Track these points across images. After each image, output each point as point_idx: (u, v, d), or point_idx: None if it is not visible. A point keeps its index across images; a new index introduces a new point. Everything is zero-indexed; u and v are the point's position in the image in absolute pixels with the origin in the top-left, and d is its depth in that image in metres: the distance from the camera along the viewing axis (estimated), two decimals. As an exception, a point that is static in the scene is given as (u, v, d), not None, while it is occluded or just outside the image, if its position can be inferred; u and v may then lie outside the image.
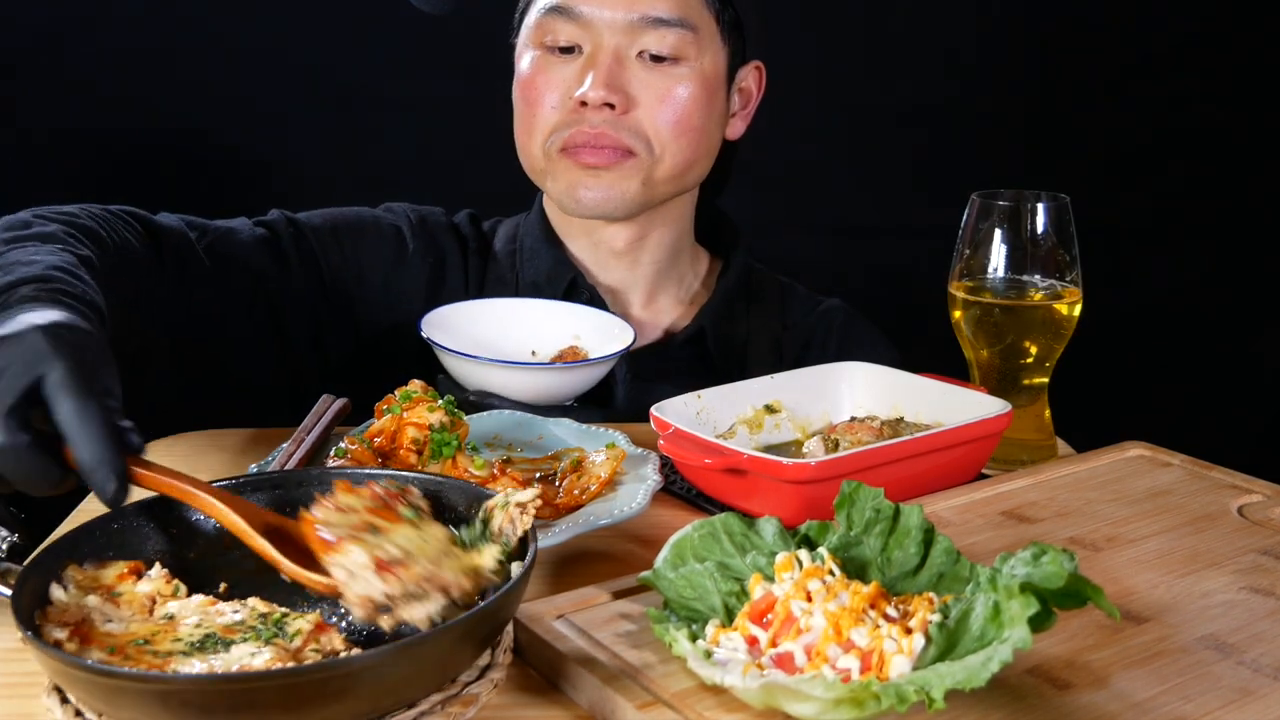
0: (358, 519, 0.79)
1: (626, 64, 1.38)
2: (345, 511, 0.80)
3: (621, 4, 1.37)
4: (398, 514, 0.81)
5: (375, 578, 0.75)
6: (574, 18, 1.38)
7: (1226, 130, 2.38)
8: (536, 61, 1.42)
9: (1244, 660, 0.77)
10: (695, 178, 1.49)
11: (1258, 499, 1.03)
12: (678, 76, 1.40)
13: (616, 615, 0.83)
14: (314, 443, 1.15)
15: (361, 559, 0.76)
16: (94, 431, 0.80)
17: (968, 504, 1.03)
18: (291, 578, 0.79)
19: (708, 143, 1.46)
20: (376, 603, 0.75)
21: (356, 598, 0.75)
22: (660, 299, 1.56)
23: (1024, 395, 1.21)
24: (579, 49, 1.40)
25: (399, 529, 0.79)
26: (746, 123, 1.54)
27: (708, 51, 1.42)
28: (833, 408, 1.21)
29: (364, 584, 0.75)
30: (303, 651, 0.72)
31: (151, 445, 1.26)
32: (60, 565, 0.78)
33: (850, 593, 0.74)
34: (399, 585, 0.75)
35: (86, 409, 0.80)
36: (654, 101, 1.39)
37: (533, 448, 1.16)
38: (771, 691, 0.68)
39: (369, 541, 0.77)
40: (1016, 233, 1.19)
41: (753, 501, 1.01)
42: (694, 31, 1.39)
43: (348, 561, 0.76)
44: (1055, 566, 0.70)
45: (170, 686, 0.65)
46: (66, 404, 0.80)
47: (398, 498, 0.82)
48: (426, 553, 0.78)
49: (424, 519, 0.81)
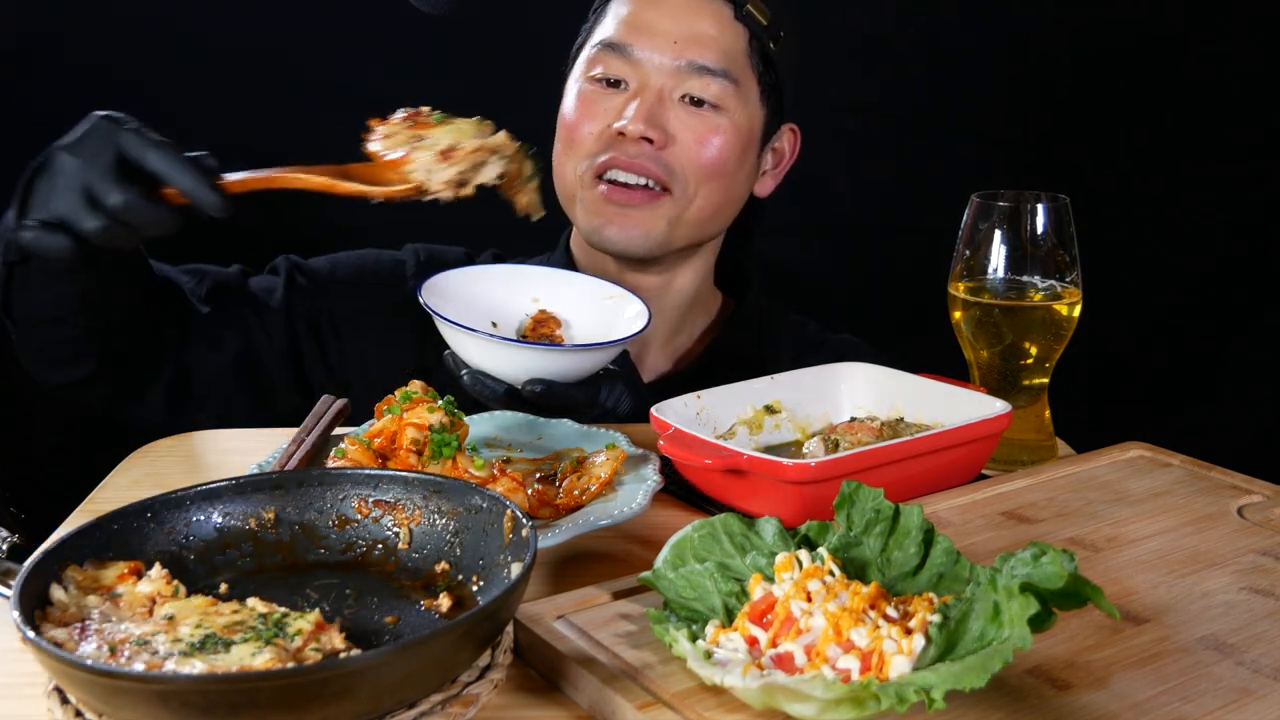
0: (405, 137, 1.08)
1: (668, 104, 1.44)
2: (391, 138, 1.08)
3: (672, 49, 1.43)
4: (430, 122, 1.10)
5: (444, 166, 1.05)
6: (626, 56, 1.44)
7: (1227, 129, 2.38)
8: (583, 92, 1.48)
9: (1244, 660, 0.77)
10: (718, 226, 1.52)
11: (1258, 499, 1.03)
12: (715, 123, 1.44)
13: (616, 615, 0.83)
14: (314, 443, 1.15)
15: (428, 157, 1.05)
16: (182, 165, 1.04)
17: (968, 504, 1.03)
18: (383, 198, 1.06)
19: (735, 192, 1.50)
20: (455, 181, 1.05)
21: (440, 184, 1.05)
22: (677, 339, 1.60)
23: (1024, 396, 1.21)
24: (625, 84, 1.45)
25: (436, 131, 1.08)
26: (777, 182, 1.59)
27: (746, 107, 1.47)
28: (833, 408, 1.21)
29: (440, 172, 1.05)
30: (303, 651, 0.72)
31: (153, 444, 1.27)
32: (60, 565, 0.78)
33: (850, 593, 0.74)
34: (463, 162, 1.05)
35: (168, 153, 1.04)
36: (691, 141, 1.44)
37: (533, 448, 1.16)
38: (771, 692, 0.68)
39: (425, 145, 1.06)
40: (1016, 233, 1.19)
41: (753, 502, 1.01)
42: (736, 85, 1.45)
43: (420, 164, 1.05)
44: (1055, 567, 0.70)
45: (170, 686, 0.65)
46: (151, 154, 1.04)
47: (419, 113, 1.12)
48: (467, 134, 1.08)
49: (449, 117, 1.10)
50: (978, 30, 2.32)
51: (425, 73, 2.24)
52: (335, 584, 0.86)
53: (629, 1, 1.48)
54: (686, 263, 1.54)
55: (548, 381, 1.18)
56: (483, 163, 1.07)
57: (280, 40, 2.24)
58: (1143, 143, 2.37)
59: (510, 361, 1.18)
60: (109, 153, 1.05)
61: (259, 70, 2.23)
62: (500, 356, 1.18)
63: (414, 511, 0.89)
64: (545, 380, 1.18)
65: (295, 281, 1.52)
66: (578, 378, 1.23)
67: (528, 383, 1.18)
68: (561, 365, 1.20)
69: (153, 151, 1.04)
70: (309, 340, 1.52)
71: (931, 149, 2.34)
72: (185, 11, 2.22)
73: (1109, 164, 2.37)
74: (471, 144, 1.07)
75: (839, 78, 2.30)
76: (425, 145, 1.06)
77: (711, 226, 1.51)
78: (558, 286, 1.36)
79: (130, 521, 0.84)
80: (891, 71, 2.34)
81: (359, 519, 0.90)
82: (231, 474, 0.90)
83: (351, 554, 0.89)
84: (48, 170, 1.07)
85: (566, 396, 1.19)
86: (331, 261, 1.58)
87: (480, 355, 1.19)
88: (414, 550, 0.88)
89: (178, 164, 1.04)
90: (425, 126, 1.09)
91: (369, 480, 0.91)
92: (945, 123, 2.34)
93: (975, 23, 2.32)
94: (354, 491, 0.90)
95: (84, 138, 1.06)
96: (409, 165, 1.06)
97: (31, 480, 2.27)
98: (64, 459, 2.25)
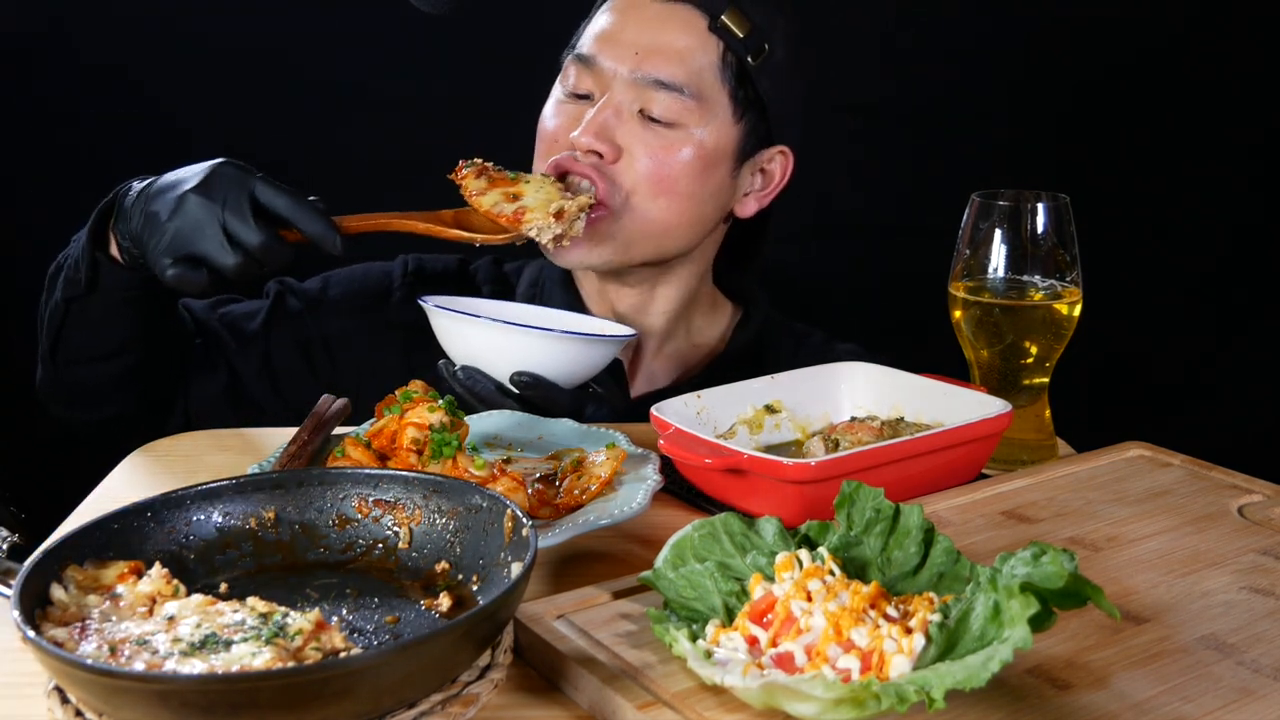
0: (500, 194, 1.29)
1: (624, 118, 1.40)
2: (484, 194, 1.29)
3: (630, 59, 1.40)
4: (505, 177, 1.32)
5: (554, 223, 1.28)
6: (592, 68, 1.43)
7: (1227, 129, 2.38)
8: (555, 104, 1.47)
9: (1244, 660, 0.77)
10: (682, 243, 1.47)
11: (1258, 499, 1.03)
12: (670, 139, 1.40)
13: (616, 615, 0.83)
14: (314, 443, 1.15)
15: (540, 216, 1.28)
16: (306, 210, 1.18)
17: (968, 504, 1.03)
18: (484, 242, 1.28)
19: (699, 211, 1.45)
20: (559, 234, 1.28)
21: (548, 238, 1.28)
22: (672, 345, 1.58)
23: (1024, 395, 1.21)
24: (593, 97, 1.43)
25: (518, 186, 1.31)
26: (762, 204, 1.52)
27: (712, 124, 1.41)
28: (833, 408, 1.22)
29: (551, 229, 1.28)
30: (303, 651, 0.72)
31: (155, 443, 1.27)
32: (60, 565, 0.78)
33: (850, 593, 0.74)
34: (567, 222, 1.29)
35: (293, 199, 1.19)
36: (641, 156, 1.40)
37: (533, 448, 1.16)
38: (771, 691, 0.68)
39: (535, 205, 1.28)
40: (1016, 233, 1.19)
41: (753, 501, 1.01)
42: (698, 100, 1.40)
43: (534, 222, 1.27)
44: (1055, 566, 0.70)
45: (170, 686, 0.65)
46: (280, 199, 1.19)
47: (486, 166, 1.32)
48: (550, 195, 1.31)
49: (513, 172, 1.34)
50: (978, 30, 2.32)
51: (425, 73, 2.24)
52: (335, 584, 0.86)
53: (607, 11, 1.46)
54: (667, 278, 1.51)
55: (536, 375, 1.20)
56: (577, 219, 1.30)
57: (280, 40, 2.23)
58: (1143, 143, 2.37)
59: (505, 348, 1.21)
60: (244, 197, 1.18)
61: (259, 70, 2.23)
62: (496, 342, 1.21)
63: (414, 511, 0.89)
64: (533, 374, 1.20)
65: (283, 304, 1.54)
66: (567, 378, 1.25)
67: (517, 372, 1.20)
68: (553, 354, 1.22)
69: (283, 198, 1.19)
70: (299, 360, 1.53)
71: (931, 149, 2.34)
72: (185, 11, 2.22)
73: (1109, 164, 2.37)
74: (573, 205, 1.29)
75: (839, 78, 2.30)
76: (536, 205, 1.28)
77: (672, 242, 1.45)
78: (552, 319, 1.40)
79: (130, 521, 0.84)
80: (892, 72, 2.33)
81: (359, 519, 0.90)
82: (231, 474, 0.90)
83: (351, 554, 0.89)
84: (180, 212, 1.18)
85: (552, 395, 1.21)
86: (324, 279, 1.59)
87: (473, 345, 1.23)
88: (414, 550, 0.88)
89: (304, 209, 1.18)
90: (502, 181, 1.31)
91: (369, 480, 0.91)
92: (945, 123, 2.33)
93: (976, 23, 2.32)
94: (354, 491, 0.90)
95: (215, 181, 1.19)
96: (526, 224, 1.27)
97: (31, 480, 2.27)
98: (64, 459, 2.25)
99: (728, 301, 1.64)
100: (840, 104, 2.30)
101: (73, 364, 1.39)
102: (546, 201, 1.30)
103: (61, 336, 1.36)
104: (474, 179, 1.31)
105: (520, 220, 1.27)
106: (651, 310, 1.54)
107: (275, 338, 1.52)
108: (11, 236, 2.16)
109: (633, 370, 1.57)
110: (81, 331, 1.35)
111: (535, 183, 1.33)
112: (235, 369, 1.50)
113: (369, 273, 1.60)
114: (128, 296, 1.32)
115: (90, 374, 1.39)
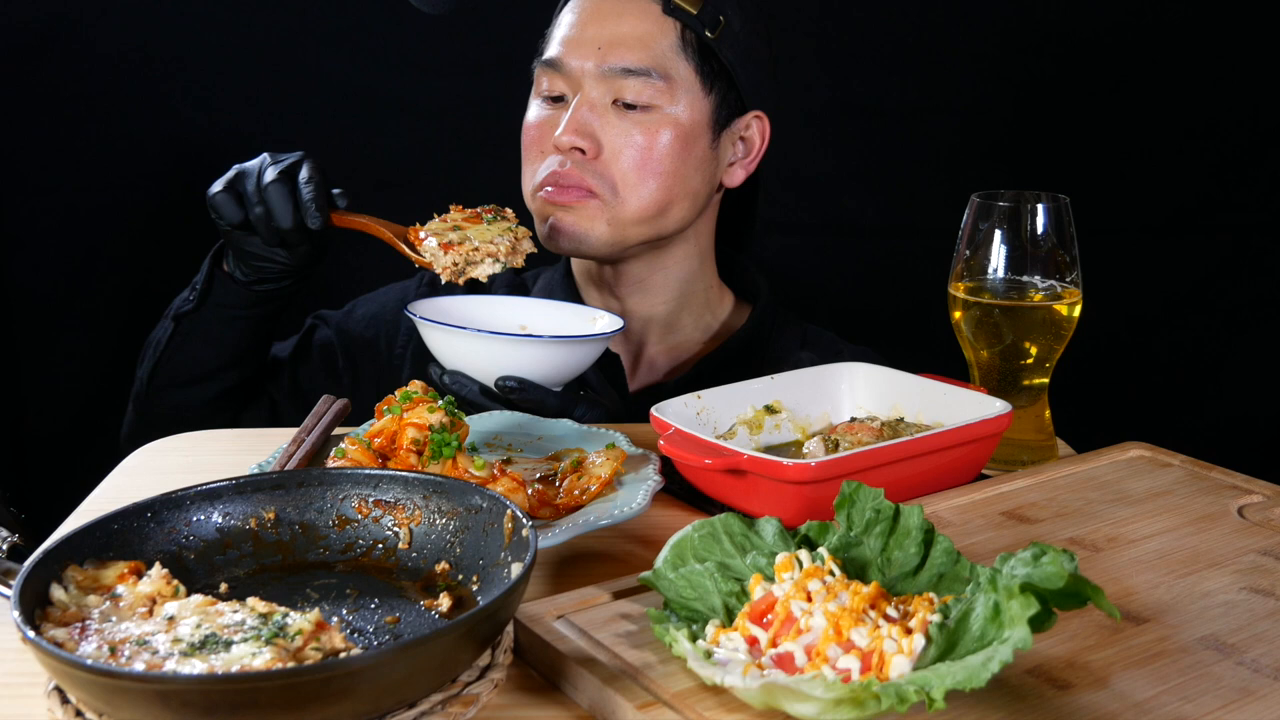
0: (451, 224, 1.31)
1: (600, 112, 1.45)
2: (446, 222, 1.32)
3: (594, 55, 1.44)
4: (480, 220, 1.33)
5: (441, 252, 1.27)
6: (561, 70, 1.47)
7: (1227, 129, 2.38)
8: (534, 111, 1.51)
9: (1244, 660, 0.77)
10: (675, 221, 1.50)
11: (1258, 499, 1.03)
12: (648, 123, 1.44)
13: (616, 615, 0.83)
14: (314, 443, 1.16)
15: (432, 243, 1.28)
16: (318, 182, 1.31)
17: (968, 504, 1.03)
18: (417, 264, 1.30)
19: (688, 186, 1.49)
20: (451, 268, 1.27)
21: (441, 267, 1.27)
22: (672, 336, 1.60)
23: (1024, 396, 1.21)
24: (567, 99, 1.47)
25: (476, 227, 1.30)
26: (748, 171, 1.57)
27: (683, 100, 1.46)
28: (833, 408, 1.22)
29: (442, 258, 1.27)
30: (303, 651, 0.72)
31: (155, 443, 1.27)
32: (60, 565, 0.78)
33: (850, 593, 0.74)
34: (459, 256, 1.27)
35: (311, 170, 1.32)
36: (621, 146, 1.44)
37: (533, 448, 1.16)
38: (771, 691, 0.68)
39: (443, 235, 1.29)
40: (1016, 233, 1.19)
41: (753, 502, 1.01)
42: (666, 80, 1.44)
43: (426, 247, 1.28)
44: (1055, 567, 0.70)
45: (170, 686, 0.65)
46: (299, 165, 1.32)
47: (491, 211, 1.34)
48: (483, 236, 1.29)
49: (499, 220, 1.33)
50: (978, 30, 2.32)
51: (425, 73, 2.24)
52: (335, 584, 0.86)
53: (565, 15, 1.50)
54: (666, 261, 1.55)
55: (522, 379, 1.22)
56: (478, 261, 1.28)
57: (280, 40, 2.23)
58: (1143, 143, 2.37)
59: (488, 355, 1.22)
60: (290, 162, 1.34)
61: (259, 70, 2.23)
62: (478, 351, 1.23)
63: (414, 511, 0.89)
64: (519, 378, 1.22)
65: (313, 333, 1.64)
66: (555, 379, 1.27)
67: (501, 378, 1.22)
68: (536, 358, 1.23)
69: (305, 168, 1.32)
70: (325, 379, 1.61)
71: (931, 149, 2.34)
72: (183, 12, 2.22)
73: (1109, 164, 2.37)
74: (472, 245, 1.29)
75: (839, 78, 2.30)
76: (442, 235, 1.29)
77: (667, 221, 1.49)
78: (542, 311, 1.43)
79: (130, 521, 0.84)
80: (891, 71, 2.33)
81: (359, 519, 0.90)
82: (231, 474, 0.90)
83: (351, 554, 0.89)
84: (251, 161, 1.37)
85: (540, 398, 1.22)
86: (353, 303, 1.69)
87: (458, 353, 1.24)
88: (414, 550, 0.88)
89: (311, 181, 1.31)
90: (474, 221, 1.33)
91: (369, 480, 0.91)
92: (946, 123, 2.33)
93: (976, 22, 2.32)
94: (354, 491, 0.90)
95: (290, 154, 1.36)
96: (421, 244, 1.29)
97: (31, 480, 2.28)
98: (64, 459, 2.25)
99: (730, 293, 1.66)
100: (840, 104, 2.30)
101: (169, 388, 1.48)
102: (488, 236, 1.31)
103: (163, 358, 1.47)
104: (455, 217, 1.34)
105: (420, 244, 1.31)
106: (652, 298, 1.56)
107: (303, 361, 1.61)
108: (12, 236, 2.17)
109: (635, 362, 1.58)
110: (184, 350, 1.46)
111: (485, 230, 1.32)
112: (273, 398, 1.59)
113: (390, 291, 1.68)
114: (234, 315, 1.44)
115: (184, 398, 1.48)
